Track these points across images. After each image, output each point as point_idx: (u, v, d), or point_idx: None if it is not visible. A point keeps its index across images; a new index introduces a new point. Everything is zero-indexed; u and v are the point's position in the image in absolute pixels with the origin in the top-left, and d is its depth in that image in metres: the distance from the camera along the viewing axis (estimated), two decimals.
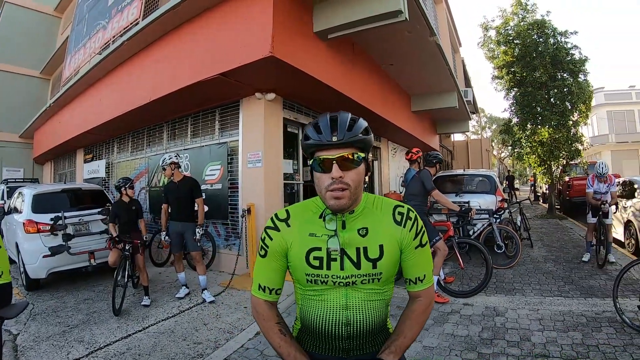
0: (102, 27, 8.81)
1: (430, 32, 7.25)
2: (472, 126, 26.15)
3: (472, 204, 7.00)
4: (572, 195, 14.70)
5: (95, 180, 10.82)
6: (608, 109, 30.40)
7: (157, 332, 4.27)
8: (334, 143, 1.20)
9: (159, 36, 6.70)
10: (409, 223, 1.33)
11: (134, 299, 5.48)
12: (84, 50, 9.76)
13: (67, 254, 5.87)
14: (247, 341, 3.93)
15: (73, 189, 7.13)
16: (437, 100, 11.84)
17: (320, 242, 1.29)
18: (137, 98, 7.27)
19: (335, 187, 1.20)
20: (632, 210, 7.70)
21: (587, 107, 13.68)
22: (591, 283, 5.45)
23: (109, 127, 9.16)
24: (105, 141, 11.04)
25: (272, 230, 1.35)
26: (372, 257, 1.28)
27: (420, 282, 1.37)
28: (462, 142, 25.26)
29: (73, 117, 10.43)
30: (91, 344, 3.98)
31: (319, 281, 1.30)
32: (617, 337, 3.67)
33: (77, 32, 10.55)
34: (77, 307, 5.23)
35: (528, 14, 13.56)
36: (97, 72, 8.48)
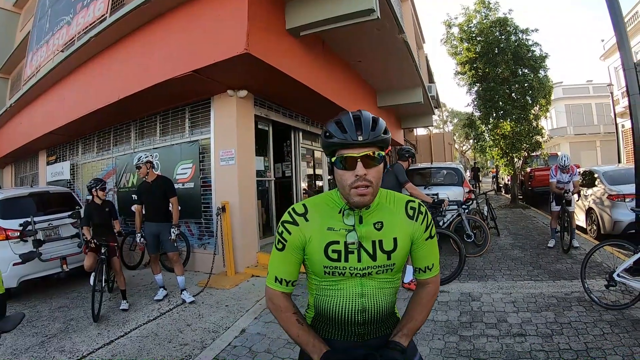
0: (66, 23, 8.47)
1: (399, 29, 7.41)
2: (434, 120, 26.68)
3: (440, 195, 7.20)
4: (534, 186, 15.37)
5: (60, 182, 10.43)
6: (566, 103, 31.78)
7: (141, 336, 4.20)
8: (358, 142, 1.23)
9: (129, 32, 6.51)
10: (421, 217, 1.41)
11: (110, 304, 5.36)
12: (47, 47, 9.36)
13: (39, 261, 5.67)
14: (234, 339, 3.95)
15: (40, 192, 6.87)
16: (403, 96, 12.08)
17: (339, 236, 1.34)
18: (104, 96, 7.06)
19: (359, 185, 1.25)
20: (592, 198, 8.17)
21: (547, 101, 14.30)
22: (558, 267, 5.75)
23: (74, 127, 8.84)
24: (69, 142, 10.63)
25: (290, 225, 1.38)
26: (387, 249, 1.35)
27: (429, 271, 1.47)
28: (425, 136, 25.69)
29: (35, 118, 9.98)
30: (73, 353, 3.88)
31: (337, 273, 1.35)
32: (587, 314, 3.94)
33: (39, 28, 10.08)
34: (52, 316, 5.05)
35: (491, 12, 13.96)
36: (61, 70, 8.15)
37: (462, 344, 3.51)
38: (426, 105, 13.90)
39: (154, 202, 5.37)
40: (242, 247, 6.50)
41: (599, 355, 3.11)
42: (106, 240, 5.05)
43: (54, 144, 11.07)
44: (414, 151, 6.20)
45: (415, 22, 14.98)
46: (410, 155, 5.93)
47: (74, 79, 8.17)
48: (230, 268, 6.28)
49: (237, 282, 6.00)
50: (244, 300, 5.22)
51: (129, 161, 8.11)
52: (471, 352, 3.37)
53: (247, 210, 6.67)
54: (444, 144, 24.06)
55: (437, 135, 27.01)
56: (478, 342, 3.52)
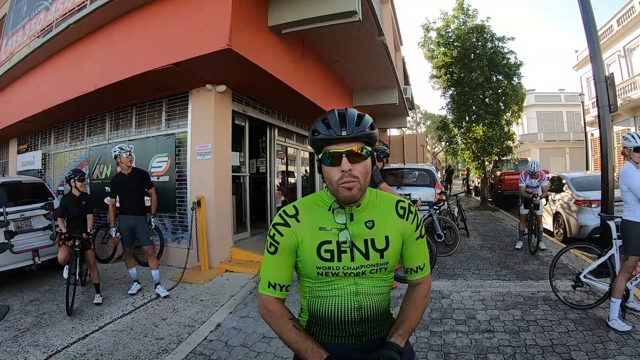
0: (44, 8, 8.20)
1: (378, 32, 7.54)
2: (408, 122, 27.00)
3: (413, 196, 7.37)
4: (503, 189, 15.82)
5: (31, 172, 10.11)
6: (538, 110, 32.77)
7: (116, 330, 4.19)
8: (343, 137, 1.25)
9: (109, 21, 6.41)
10: (411, 217, 1.43)
11: (83, 298, 5.28)
12: (23, 32, 9.04)
13: (10, 253, 5.53)
14: (210, 333, 3.99)
15: (12, 182, 6.68)
16: (379, 96, 12.28)
17: (331, 235, 1.35)
18: (81, 86, 6.90)
19: (346, 180, 1.26)
20: (560, 203, 8.50)
21: (520, 107, 14.67)
22: (525, 268, 6.00)
23: (48, 116, 8.59)
24: (41, 130, 10.35)
25: (282, 227, 1.38)
26: (379, 247, 1.36)
27: (421, 270, 1.48)
28: (398, 137, 25.92)
29: (7, 105, 9.63)
30: (48, 347, 3.82)
31: (330, 273, 1.35)
32: (552, 313, 4.16)
33: (16, 11, 9.70)
34: (24, 310, 4.95)
35: (469, 18, 14.22)
36: (37, 57, 7.92)
37: (432, 339, 3.66)
38: (401, 106, 14.15)
39: (132, 195, 5.32)
40: (216, 242, 6.52)
41: (564, 351, 3.30)
42: (80, 232, 4.98)
43: (26, 132, 10.75)
44: (388, 151, 6.33)
45: (394, 24, 15.19)
46: (385, 155, 6.06)
47: (50, 67, 7.96)
48: (204, 263, 6.29)
49: (211, 276, 6.02)
50: (219, 295, 5.24)
51: (102, 152, 7.96)
52: (442, 346, 3.51)
53: (222, 205, 6.68)
54: (417, 145, 24.34)
55: (410, 136, 27.32)
56: (448, 337, 3.68)
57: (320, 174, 1.39)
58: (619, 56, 19.38)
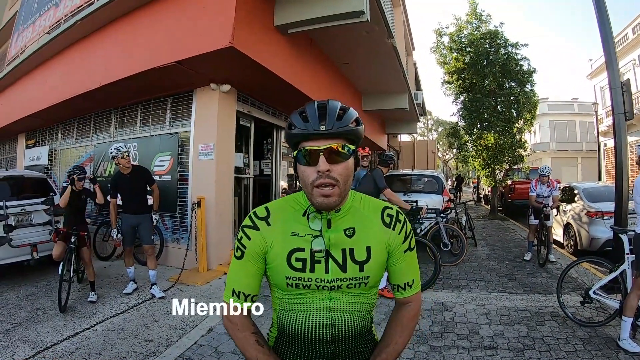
0: (54, 5, 8.24)
1: (388, 34, 7.41)
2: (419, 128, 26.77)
3: (419, 203, 7.22)
4: (513, 198, 15.54)
5: (37, 167, 10.15)
6: (551, 119, 32.27)
7: (106, 329, 4.10)
8: (321, 133, 1.10)
9: (115, 18, 6.39)
10: (399, 226, 1.26)
11: (79, 295, 5.22)
12: (33, 28, 9.11)
13: (9, 247, 5.51)
14: (200, 337, 3.88)
15: (15, 176, 6.68)
16: (389, 101, 12.09)
17: (304, 242, 1.20)
18: (86, 82, 6.90)
19: (321, 182, 1.11)
20: (571, 214, 8.28)
21: (532, 115, 14.45)
22: (533, 280, 5.80)
23: (55, 112, 8.62)
24: (49, 126, 10.40)
25: (250, 229, 1.23)
26: (358, 259, 1.20)
27: (410, 288, 1.31)
28: (408, 143, 25.78)
29: (16, 100, 9.72)
30: (37, 344, 3.76)
31: (301, 285, 1.20)
32: (560, 330, 3.96)
33: (27, 7, 9.79)
34: (19, 304, 4.92)
35: (482, 23, 14.08)
36: (46, 53, 7.96)
37: (432, 354, 3.50)
38: (412, 112, 13.96)
39: (133, 194, 5.23)
40: (215, 243, 6.41)
41: None
42: (77, 229, 4.91)
43: (34, 127, 10.81)
44: (394, 157, 6.20)
45: (406, 28, 15.05)
46: (392, 161, 5.94)
47: (58, 62, 7.98)
48: (202, 264, 6.18)
49: (209, 279, 5.91)
50: (214, 297, 5.13)
51: (107, 150, 7.91)
52: None
53: (223, 207, 6.58)
54: (427, 151, 24.19)
55: (421, 142, 27.17)
56: (448, 353, 3.51)
57: (296, 174, 1.23)
58: (633, 65, 19.02)
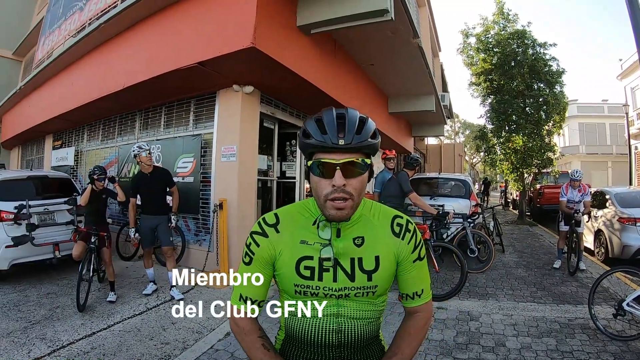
0: (79, 9, 8.43)
1: (413, 34, 7.24)
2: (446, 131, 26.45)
3: (446, 207, 7.02)
4: (542, 203, 15.07)
5: (64, 168, 10.37)
6: (580, 121, 31.36)
7: (123, 330, 4.08)
8: (339, 147, 1.06)
9: (137, 21, 6.42)
10: (408, 235, 1.24)
11: (99, 294, 5.25)
12: (59, 31, 9.34)
13: (31, 245, 5.60)
14: (217, 342, 3.80)
15: (39, 176, 6.82)
16: (415, 103, 11.90)
17: (312, 250, 1.19)
18: (110, 84, 6.97)
19: (336, 197, 1.08)
20: (602, 220, 7.92)
21: (562, 117, 14.06)
22: (563, 290, 5.54)
23: (80, 113, 8.79)
24: (75, 128, 10.62)
25: (259, 236, 1.23)
26: (367, 268, 1.19)
27: (419, 297, 1.29)
28: (435, 146, 25.53)
29: (44, 101, 9.98)
30: (54, 342, 3.77)
31: (309, 293, 1.20)
32: (590, 343, 3.74)
33: (53, 12, 10.08)
34: (39, 302, 4.97)
35: (509, 23, 13.73)
36: (71, 56, 8.10)
37: None
38: (438, 114, 13.73)
39: (153, 194, 5.23)
40: (237, 246, 6.32)
41: None
42: (97, 229, 4.92)
43: (61, 129, 11.06)
44: (420, 160, 6.05)
45: (432, 29, 14.83)
46: (418, 164, 5.79)
47: (83, 65, 8.11)
48: (223, 267, 6.13)
49: (230, 282, 5.84)
50: None
51: (130, 151, 8.03)
52: None
53: (245, 209, 6.51)
54: (455, 155, 23.91)
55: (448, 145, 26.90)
56: None
57: (307, 180, 1.17)
58: None
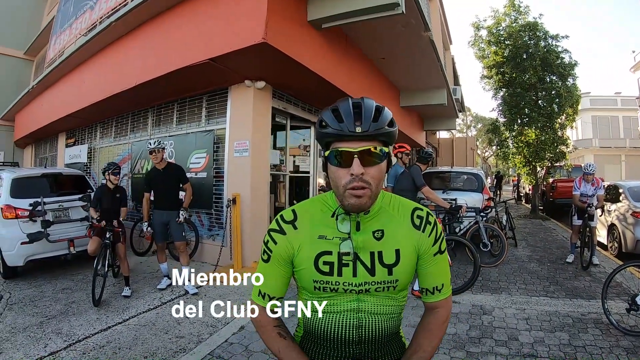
0: (89, 8, 8.50)
1: (424, 27, 7.21)
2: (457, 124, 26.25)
3: (459, 201, 7.00)
4: (555, 197, 14.92)
5: (77, 165, 10.51)
6: (593, 114, 30.99)
7: (138, 324, 4.14)
8: (356, 135, 1.06)
9: (148, 18, 6.47)
10: (429, 228, 1.23)
11: (114, 289, 5.31)
12: (70, 31, 9.43)
13: (46, 241, 5.69)
14: (232, 335, 3.83)
15: (53, 173, 6.87)
16: (426, 97, 11.85)
17: (331, 245, 1.17)
18: (122, 81, 7.03)
19: (355, 186, 1.07)
20: (616, 214, 7.83)
21: (574, 110, 13.86)
22: (575, 284, 5.49)
23: (93, 111, 8.88)
24: (88, 125, 10.73)
25: (277, 234, 1.22)
26: (387, 262, 1.18)
27: (439, 292, 1.27)
28: (447, 140, 25.36)
29: (56, 100, 10.10)
30: (69, 336, 3.83)
31: (329, 289, 1.18)
32: (603, 338, 3.71)
33: (64, 11, 10.17)
34: (55, 297, 5.04)
35: (520, 15, 13.55)
36: (82, 54, 8.18)
37: None
38: (450, 107, 13.67)
39: (165, 190, 5.30)
40: (250, 240, 6.37)
41: None
42: (111, 224, 4.98)
43: (74, 126, 11.17)
44: (433, 154, 6.04)
45: (442, 22, 14.70)
46: (431, 158, 5.79)
47: (94, 63, 8.18)
48: (237, 261, 6.17)
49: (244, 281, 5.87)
50: (248, 295, 5.07)
51: (144, 148, 8.09)
52: None
53: (258, 204, 6.54)
54: (467, 148, 23.73)
55: (460, 139, 26.70)
56: None
57: (325, 173, 1.17)
58: None
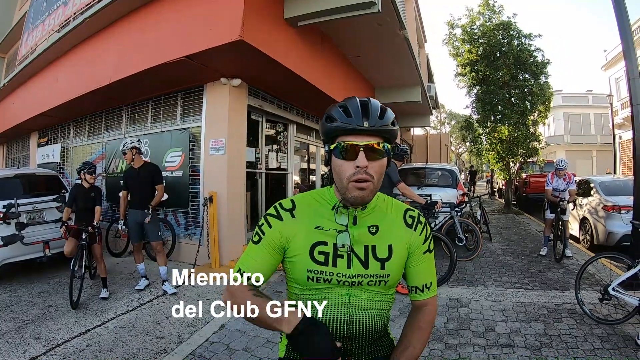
0: (62, 3, 8.27)
1: (400, 25, 7.29)
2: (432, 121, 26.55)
3: (434, 197, 7.12)
4: (528, 192, 15.30)
5: (50, 165, 10.24)
6: (565, 111, 31.70)
7: (118, 326, 4.09)
8: (364, 129, 1.11)
9: (123, 15, 6.36)
10: (420, 227, 1.29)
11: (91, 291, 5.23)
12: (42, 27, 9.16)
13: (21, 244, 5.54)
14: (212, 334, 3.83)
15: (26, 174, 6.69)
16: (401, 94, 11.99)
17: (327, 236, 1.21)
18: (96, 79, 6.88)
19: (359, 178, 1.12)
20: (587, 208, 8.09)
21: (547, 107, 14.20)
22: (549, 276, 5.66)
23: (66, 109, 8.65)
24: (60, 124, 10.45)
25: (273, 218, 1.25)
26: (380, 256, 1.22)
27: (428, 290, 1.31)
28: (421, 137, 25.61)
29: (28, 98, 9.79)
30: (49, 341, 3.76)
31: (322, 279, 1.20)
32: (577, 327, 3.84)
33: (36, 7, 9.86)
34: (32, 301, 4.93)
35: (494, 14, 13.81)
36: (56, 51, 7.98)
37: (447, 352, 3.41)
38: (424, 105, 13.82)
39: (140, 189, 5.24)
40: (228, 239, 6.37)
41: None
42: (87, 225, 4.90)
43: (46, 125, 10.88)
44: (407, 150, 6.13)
45: (417, 20, 14.85)
46: (406, 155, 5.87)
47: (68, 61, 7.99)
48: (215, 260, 6.15)
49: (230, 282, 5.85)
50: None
51: (118, 146, 7.94)
52: None
53: (235, 202, 6.54)
54: (441, 145, 24.02)
55: (434, 136, 27.00)
56: (464, 351, 3.42)
57: (327, 167, 1.22)
58: None
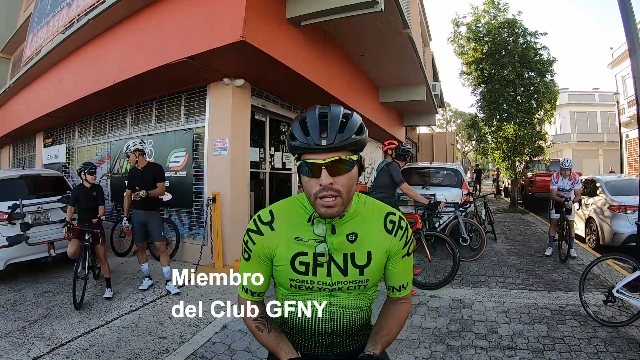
0: (67, 5, 8.33)
1: (403, 24, 7.25)
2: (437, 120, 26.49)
3: (438, 197, 7.08)
4: (534, 191, 15.19)
5: (55, 165, 10.31)
6: (571, 109, 31.46)
7: (121, 326, 4.11)
8: (322, 147, 1.09)
9: (126, 16, 6.39)
10: (400, 232, 1.29)
11: (95, 291, 5.26)
12: (47, 28, 9.23)
13: (26, 244, 5.59)
14: (214, 335, 3.84)
15: (31, 175, 6.75)
16: (406, 93, 11.92)
17: (307, 247, 1.24)
18: (101, 80, 6.92)
19: (324, 195, 1.11)
20: (593, 208, 8.02)
21: (552, 106, 14.07)
22: (554, 277, 5.61)
23: (71, 110, 8.71)
24: (66, 125, 10.53)
25: (254, 234, 1.28)
26: (359, 263, 1.25)
27: (404, 289, 1.37)
28: (427, 135, 25.56)
29: (33, 99, 9.87)
30: (52, 341, 3.79)
31: (304, 287, 1.26)
32: (581, 330, 3.80)
33: (41, 9, 9.94)
34: (36, 301, 4.97)
35: (500, 12, 13.71)
36: (60, 52, 8.03)
37: (448, 354, 3.39)
38: (429, 103, 13.78)
39: (144, 189, 5.24)
40: (231, 239, 6.37)
41: None
42: (90, 226, 4.93)
43: (51, 126, 10.96)
44: (412, 150, 6.09)
45: (422, 19, 14.83)
46: (409, 154, 5.84)
47: (72, 62, 8.04)
48: (218, 260, 6.17)
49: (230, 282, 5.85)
50: (229, 294, 5.09)
51: (123, 147, 7.98)
52: None
53: (238, 202, 6.54)
54: (446, 144, 23.97)
55: (440, 134, 26.96)
56: (466, 353, 3.40)
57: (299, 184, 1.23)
58: None
